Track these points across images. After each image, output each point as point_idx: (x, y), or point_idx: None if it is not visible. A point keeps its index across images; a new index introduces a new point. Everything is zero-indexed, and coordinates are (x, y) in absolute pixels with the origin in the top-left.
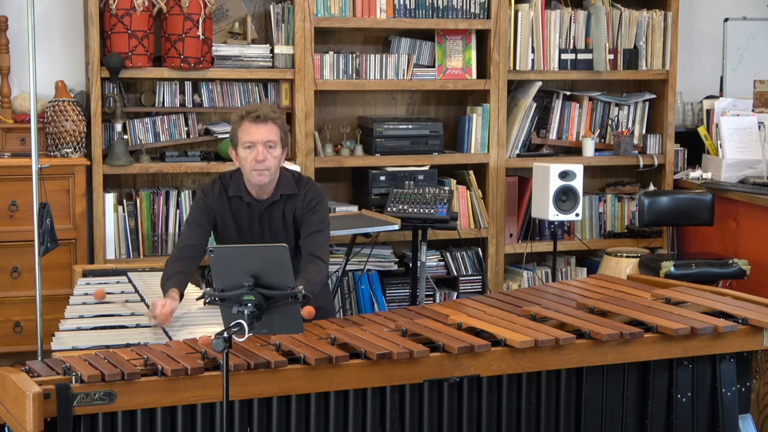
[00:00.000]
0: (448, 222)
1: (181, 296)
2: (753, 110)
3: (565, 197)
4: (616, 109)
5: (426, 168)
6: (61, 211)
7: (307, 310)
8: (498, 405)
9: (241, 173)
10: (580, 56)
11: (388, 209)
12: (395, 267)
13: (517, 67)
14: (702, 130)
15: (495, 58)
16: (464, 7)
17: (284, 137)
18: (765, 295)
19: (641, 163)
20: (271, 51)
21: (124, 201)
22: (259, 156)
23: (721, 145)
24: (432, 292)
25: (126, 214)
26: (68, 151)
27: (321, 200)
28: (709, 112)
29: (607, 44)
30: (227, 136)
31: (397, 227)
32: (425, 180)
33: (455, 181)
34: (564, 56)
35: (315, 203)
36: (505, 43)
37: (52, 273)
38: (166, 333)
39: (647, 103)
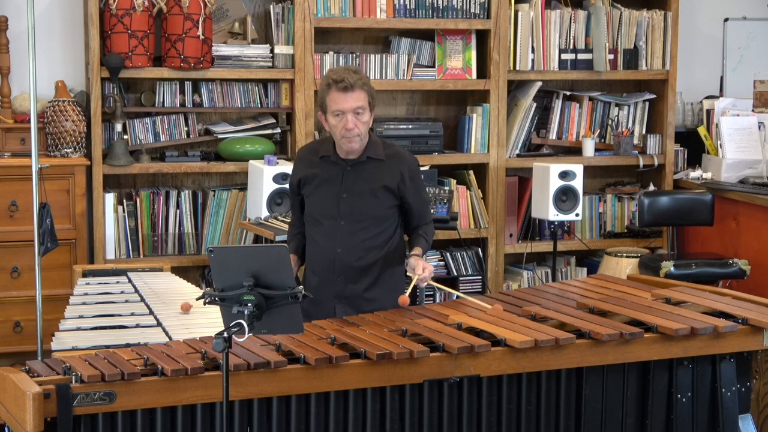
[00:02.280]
0: (448, 222)
1: (302, 260)
2: (753, 110)
3: (565, 197)
4: (616, 109)
5: (426, 168)
6: (61, 211)
7: (403, 299)
8: (498, 405)
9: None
10: (580, 56)
11: None
12: None
13: (517, 67)
14: (702, 130)
15: (495, 58)
16: (464, 7)
17: (372, 100)
18: (765, 295)
19: (641, 163)
20: (271, 51)
21: (124, 201)
22: (348, 124)
23: (721, 145)
24: (432, 292)
25: (126, 214)
26: (68, 151)
27: (419, 173)
28: (709, 112)
29: (607, 44)
30: (227, 136)
31: None
32: (425, 180)
33: (455, 181)
34: (564, 56)
35: (417, 176)
36: (505, 43)
37: (52, 273)
38: (166, 333)
39: (647, 103)
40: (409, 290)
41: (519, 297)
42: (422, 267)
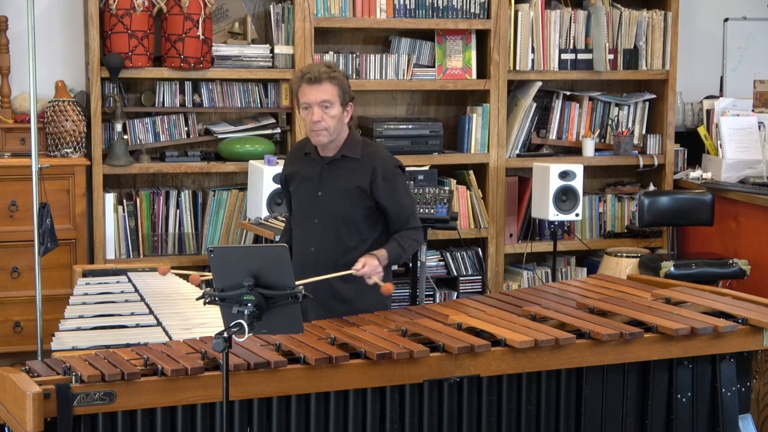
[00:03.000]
0: (448, 222)
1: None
2: (753, 110)
3: (565, 197)
4: (616, 109)
5: (426, 168)
6: (61, 211)
7: (387, 288)
8: (498, 405)
9: None
10: (580, 56)
11: None
12: (395, 267)
13: (517, 67)
14: (702, 130)
15: (495, 58)
16: (464, 7)
17: (343, 94)
18: (765, 295)
19: (641, 163)
20: (271, 51)
21: (124, 201)
22: (314, 117)
23: (721, 145)
24: (432, 292)
25: (126, 214)
26: (68, 151)
27: (396, 175)
28: (709, 112)
29: (607, 44)
30: (227, 136)
31: None
32: (425, 180)
33: (455, 181)
34: (564, 56)
35: (393, 177)
36: (505, 43)
37: (52, 273)
38: (166, 333)
39: (647, 103)
40: (375, 280)
41: (519, 297)
42: (363, 263)
